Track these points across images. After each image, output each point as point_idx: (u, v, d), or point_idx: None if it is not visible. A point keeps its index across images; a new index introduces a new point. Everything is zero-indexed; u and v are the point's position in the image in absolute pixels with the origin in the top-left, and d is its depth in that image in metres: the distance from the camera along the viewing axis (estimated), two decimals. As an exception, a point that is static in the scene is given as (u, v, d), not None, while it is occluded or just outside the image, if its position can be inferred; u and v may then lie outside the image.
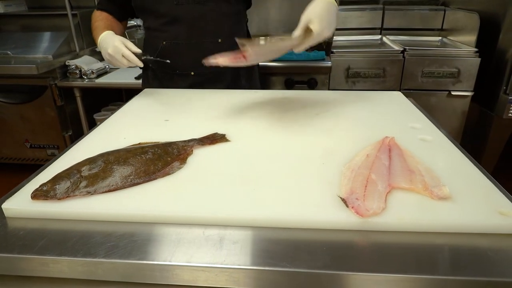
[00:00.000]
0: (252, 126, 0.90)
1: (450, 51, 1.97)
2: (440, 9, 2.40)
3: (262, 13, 2.42)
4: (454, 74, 1.96)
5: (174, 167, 0.70)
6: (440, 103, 2.03)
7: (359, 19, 2.46)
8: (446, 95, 2.01)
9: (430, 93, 2.02)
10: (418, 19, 2.44)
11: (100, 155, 0.69)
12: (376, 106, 1.03)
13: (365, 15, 2.45)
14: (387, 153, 0.73)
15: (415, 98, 2.03)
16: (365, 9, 2.43)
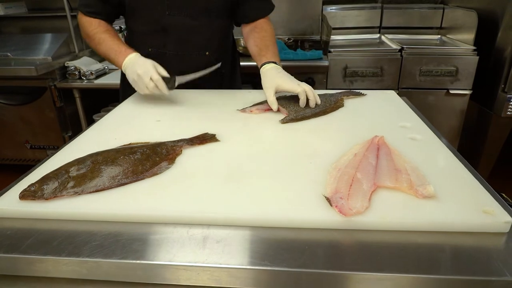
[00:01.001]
0: (243, 126, 0.91)
1: (448, 50, 1.96)
2: (439, 7, 2.39)
3: (260, 13, 2.42)
4: (453, 72, 1.95)
5: (162, 167, 0.70)
6: (439, 102, 2.02)
7: (357, 18, 2.46)
8: (445, 94, 2.01)
9: (428, 91, 2.01)
10: (417, 17, 2.43)
11: (89, 155, 0.70)
12: (368, 105, 1.03)
13: (363, 14, 2.44)
14: (375, 152, 0.73)
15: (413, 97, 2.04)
16: (363, 8, 2.43)
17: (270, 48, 1.16)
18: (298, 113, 0.95)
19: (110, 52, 1.09)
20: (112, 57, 1.09)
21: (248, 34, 1.24)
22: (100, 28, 1.13)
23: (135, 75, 1.00)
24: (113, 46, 1.09)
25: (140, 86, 1.01)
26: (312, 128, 0.89)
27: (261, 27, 1.22)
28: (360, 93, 1.12)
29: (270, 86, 1.00)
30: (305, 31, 2.49)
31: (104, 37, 1.11)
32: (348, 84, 2.02)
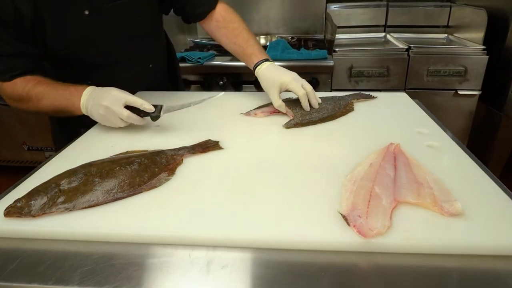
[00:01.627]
0: (247, 132, 0.85)
1: (457, 49, 1.90)
2: (445, 6, 2.33)
3: (262, 12, 2.37)
4: (461, 72, 1.89)
5: (162, 178, 0.65)
6: (446, 103, 1.96)
7: (361, 16, 2.39)
8: (453, 95, 1.95)
9: (436, 92, 1.95)
10: (423, 16, 2.37)
11: (82, 166, 0.64)
12: (380, 109, 0.97)
13: (368, 12, 2.38)
14: (392, 162, 0.67)
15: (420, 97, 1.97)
16: (368, 6, 2.37)
17: (251, 42, 1.02)
18: (304, 117, 0.90)
19: (59, 100, 0.84)
20: (64, 105, 0.84)
21: (214, 32, 1.08)
22: (30, 83, 0.85)
23: (101, 108, 0.79)
24: (59, 92, 0.84)
25: (112, 119, 0.80)
26: (321, 134, 0.83)
27: (224, 19, 1.06)
28: (370, 95, 1.06)
29: (274, 87, 0.92)
30: (308, 29, 2.43)
31: (42, 90, 0.85)
32: (354, 84, 1.96)
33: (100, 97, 0.80)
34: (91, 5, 0.88)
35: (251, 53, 1.01)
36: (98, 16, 0.89)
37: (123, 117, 0.79)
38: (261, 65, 0.98)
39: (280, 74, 0.93)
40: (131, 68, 1.05)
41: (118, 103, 0.79)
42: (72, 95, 0.83)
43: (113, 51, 0.98)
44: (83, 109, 0.83)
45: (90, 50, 0.94)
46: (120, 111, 0.79)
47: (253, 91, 1.89)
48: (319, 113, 0.91)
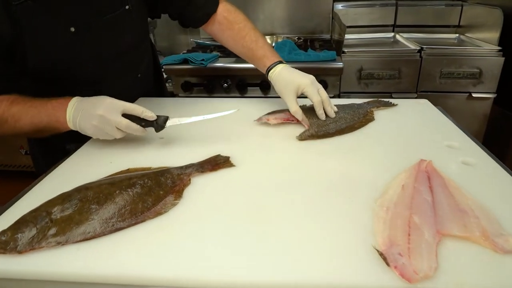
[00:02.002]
0: (260, 145, 0.77)
1: (471, 50, 1.82)
2: (457, 4, 2.25)
3: (267, 11, 2.29)
4: (476, 75, 1.81)
5: (168, 203, 0.57)
6: (460, 106, 1.89)
7: (369, 16, 2.31)
8: (466, 98, 1.87)
9: (449, 95, 1.87)
10: (433, 15, 2.29)
11: (78, 189, 0.57)
12: (402, 118, 0.89)
13: (376, 12, 2.30)
14: (427, 183, 0.60)
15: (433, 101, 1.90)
16: (376, 5, 2.29)
17: (261, 43, 0.94)
18: (320, 128, 0.82)
19: (39, 117, 0.73)
20: (46, 122, 0.73)
21: (218, 35, 1.00)
22: (4, 103, 0.73)
23: (95, 118, 0.69)
24: (38, 109, 0.73)
25: (108, 130, 0.70)
26: (341, 148, 0.75)
27: (228, 21, 0.97)
28: (391, 103, 0.98)
29: (289, 91, 0.84)
30: (314, 29, 2.35)
31: (18, 109, 0.73)
32: (363, 87, 1.89)
33: (92, 106, 0.70)
34: (77, 22, 0.78)
35: (262, 55, 0.92)
36: (85, 33, 0.80)
37: (121, 126, 0.70)
38: (275, 67, 0.90)
39: (296, 77, 0.85)
40: (120, 82, 0.96)
41: (115, 111, 0.69)
42: (54, 109, 0.73)
43: (101, 67, 0.88)
44: (70, 124, 0.72)
45: (77, 68, 0.84)
46: (118, 120, 0.69)
47: (259, 94, 1.82)
48: (337, 123, 0.83)
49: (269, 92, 1.82)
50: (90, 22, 0.81)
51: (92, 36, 0.82)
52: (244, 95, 1.84)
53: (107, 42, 0.86)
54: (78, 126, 0.71)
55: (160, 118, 0.74)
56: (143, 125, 0.73)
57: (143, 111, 0.72)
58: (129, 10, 0.88)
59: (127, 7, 0.87)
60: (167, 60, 1.77)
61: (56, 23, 0.76)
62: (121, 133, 0.72)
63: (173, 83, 1.83)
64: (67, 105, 0.72)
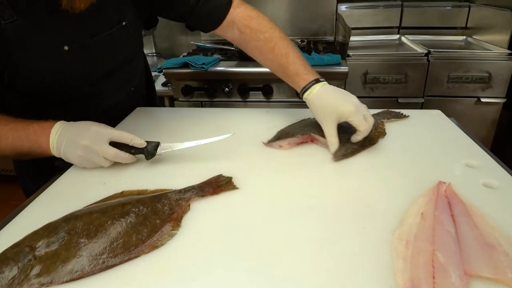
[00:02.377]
0: (265, 164, 0.72)
1: (480, 54, 1.77)
2: (464, 5, 2.19)
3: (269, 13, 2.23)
4: (485, 79, 1.76)
5: (164, 233, 0.52)
6: (468, 111, 1.83)
7: (374, 17, 2.26)
8: (475, 102, 1.82)
9: (457, 100, 1.82)
10: (439, 16, 2.23)
11: (65, 220, 0.52)
12: (414, 132, 0.84)
13: (381, 13, 2.25)
14: (448, 210, 0.55)
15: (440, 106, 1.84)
16: (381, 6, 2.23)
17: (292, 57, 0.81)
18: (345, 145, 0.74)
19: (20, 142, 0.67)
20: (27, 148, 0.68)
21: (243, 45, 0.89)
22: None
23: (80, 148, 0.65)
24: (19, 132, 0.67)
25: (94, 160, 0.67)
26: (352, 168, 0.70)
27: (251, 30, 0.85)
28: (402, 114, 0.93)
29: (330, 119, 0.73)
30: (317, 31, 2.30)
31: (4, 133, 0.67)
32: (368, 91, 1.83)
33: (76, 134, 0.66)
34: (71, 41, 0.73)
35: (295, 73, 0.80)
36: (79, 52, 0.75)
37: (109, 156, 0.66)
38: (311, 89, 0.77)
39: (338, 101, 0.73)
40: (112, 97, 0.90)
41: (101, 140, 0.65)
42: (36, 134, 0.67)
43: (94, 84, 0.82)
44: (54, 151, 0.67)
45: (69, 86, 0.78)
46: (105, 150, 0.65)
47: (261, 98, 1.77)
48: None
49: (272, 97, 1.78)
50: (85, 40, 0.75)
51: (87, 54, 0.76)
52: (246, 100, 1.79)
53: (102, 60, 0.81)
54: (63, 155, 0.67)
55: (150, 144, 0.69)
56: (133, 153, 0.68)
57: (132, 138, 0.67)
58: (126, 26, 0.82)
59: (123, 23, 0.81)
60: (167, 64, 1.71)
61: (49, 42, 0.71)
62: (109, 162, 0.68)
63: (173, 87, 1.78)
64: (50, 130, 0.67)
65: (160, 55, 2.26)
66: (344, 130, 0.77)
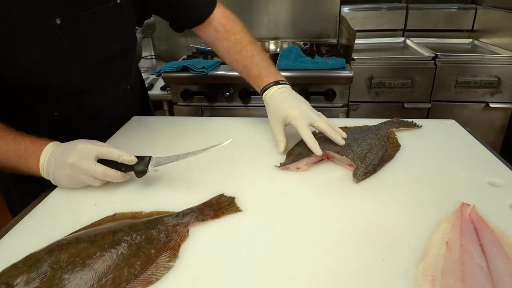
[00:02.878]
0: (271, 183, 0.66)
1: (489, 58, 1.71)
2: (470, 8, 2.14)
3: (271, 15, 2.19)
4: (494, 83, 1.71)
5: (160, 266, 0.47)
6: (476, 117, 1.78)
7: (378, 20, 2.21)
8: (483, 108, 1.76)
9: (464, 105, 1.77)
10: (444, 19, 2.18)
11: (48, 251, 0.46)
12: (429, 145, 0.79)
13: (386, 15, 2.20)
14: (476, 239, 0.49)
15: (447, 111, 1.79)
16: (385, 8, 2.18)
17: (257, 60, 0.83)
18: (364, 161, 0.68)
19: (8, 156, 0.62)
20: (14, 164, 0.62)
21: (214, 44, 0.89)
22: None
23: (67, 167, 0.60)
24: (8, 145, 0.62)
25: (83, 179, 0.61)
26: (364, 187, 0.64)
27: (225, 29, 0.87)
28: (414, 124, 0.87)
29: (277, 120, 0.75)
30: (320, 33, 2.25)
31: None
32: (373, 96, 1.78)
33: (62, 153, 0.61)
34: (63, 12, 0.66)
35: (256, 75, 0.82)
36: (71, 26, 0.68)
37: (97, 175, 0.60)
38: (269, 90, 0.79)
39: (286, 105, 0.75)
40: (105, 93, 0.84)
41: (88, 157, 0.59)
42: (27, 152, 0.61)
43: (87, 73, 0.75)
44: (44, 173, 0.62)
45: (58, 72, 0.71)
46: (92, 168, 0.59)
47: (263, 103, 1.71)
48: (372, 152, 0.71)
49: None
50: (78, 13, 0.68)
51: (80, 31, 0.70)
52: (247, 104, 1.74)
53: (96, 41, 0.74)
54: (52, 178, 0.62)
55: (141, 160, 0.62)
56: (123, 170, 0.62)
57: (120, 155, 0.61)
58: (120, 4, 0.76)
59: (118, 1, 0.75)
60: (166, 67, 1.66)
61: (41, 13, 0.64)
62: (99, 182, 0.62)
63: (172, 91, 1.72)
64: (42, 151, 0.62)
65: (159, 58, 2.21)
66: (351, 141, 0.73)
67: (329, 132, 0.72)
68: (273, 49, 2.00)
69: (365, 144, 0.73)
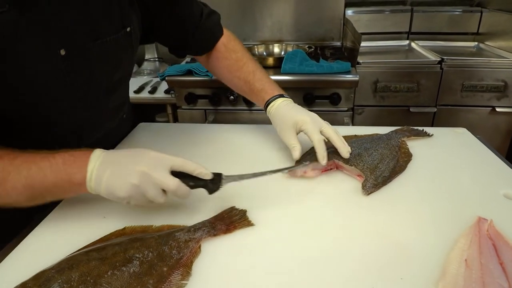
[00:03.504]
0: (281, 193, 0.65)
1: (496, 62, 1.70)
2: (475, 11, 2.13)
3: (274, 17, 2.18)
4: (500, 88, 1.69)
5: (173, 285, 0.45)
6: (482, 121, 1.77)
7: (383, 22, 2.19)
8: (489, 112, 1.75)
9: (471, 109, 1.76)
10: (449, 21, 2.17)
11: (58, 269, 0.45)
12: (441, 154, 0.77)
13: (390, 18, 2.18)
14: (495, 256, 0.48)
15: (452, 115, 1.78)
16: (390, 11, 2.17)
17: (259, 75, 0.83)
18: (374, 172, 0.67)
19: (41, 176, 0.52)
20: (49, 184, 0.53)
21: (212, 63, 0.89)
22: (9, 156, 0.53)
23: (135, 176, 0.52)
24: (38, 164, 0.52)
25: (148, 192, 0.52)
26: (377, 201, 0.63)
27: (226, 49, 0.87)
28: (425, 132, 0.86)
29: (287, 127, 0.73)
30: (324, 36, 2.23)
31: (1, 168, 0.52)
32: (379, 100, 1.77)
33: (130, 160, 0.53)
34: (69, 43, 0.59)
35: (260, 89, 0.81)
36: (76, 58, 0.61)
37: (168, 188, 0.52)
38: (274, 102, 0.78)
39: (295, 113, 0.74)
40: (107, 123, 0.78)
41: (162, 167, 0.53)
42: (66, 163, 0.53)
43: (87, 107, 0.69)
44: (91, 183, 0.52)
45: (58, 105, 0.63)
46: (167, 180, 0.52)
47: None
48: (383, 163, 0.70)
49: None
50: (85, 44, 0.62)
51: (85, 63, 0.63)
52: (251, 108, 1.73)
53: (100, 73, 0.68)
54: (105, 187, 0.52)
55: (217, 177, 0.57)
56: (191, 186, 0.55)
57: (196, 167, 0.55)
58: (130, 33, 0.71)
59: (128, 29, 0.70)
60: (170, 71, 1.65)
61: (44, 42, 0.56)
62: (165, 198, 0.54)
63: (176, 94, 1.71)
64: (89, 158, 0.53)
65: (162, 60, 2.20)
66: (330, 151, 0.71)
67: (336, 140, 0.70)
68: (277, 52, 1.98)
69: (376, 154, 0.72)
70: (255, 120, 1.75)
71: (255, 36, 2.19)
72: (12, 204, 0.53)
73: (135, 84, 1.88)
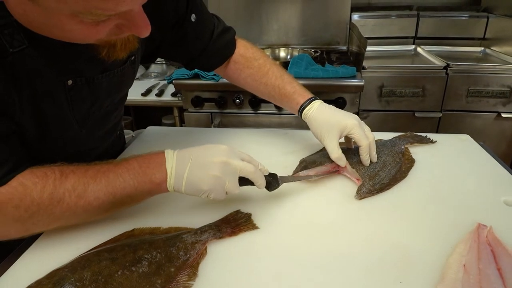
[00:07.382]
0: (285, 197, 0.67)
1: (502, 67, 1.70)
2: (482, 16, 2.13)
3: (281, 21, 2.19)
4: (506, 93, 1.70)
5: (180, 285, 0.47)
6: (487, 126, 1.77)
7: (389, 27, 2.20)
8: (494, 117, 1.75)
9: (476, 114, 1.76)
10: (455, 26, 2.18)
11: (72, 268, 0.47)
12: (443, 161, 0.79)
13: (396, 22, 2.19)
14: (493, 263, 0.49)
15: (458, 120, 1.78)
16: (396, 15, 2.18)
17: (287, 78, 0.81)
18: (373, 179, 0.69)
19: (120, 183, 0.54)
20: (130, 188, 0.55)
21: (235, 75, 0.86)
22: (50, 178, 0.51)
23: (216, 167, 0.55)
24: (115, 173, 0.54)
25: (229, 183, 0.56)
26: (379, 206, 0.64)
27: (245, 58, 0.83)
28: (428, 139, 0.87)
29: (332, 133, 0.71)
30: (330, 41, 2.25)
31: (76, 181, 0.52)
32: (384, 104, 1.78)
33: (205, 154, 0.56)
34: (77, 76, 0.58)
35: (292, 92, 0.78)
36: (82, 88, 0.60)
37: (249, 171, 0.57)
38: (312, 104, 0.76)
39: (341, 116, 0.73)
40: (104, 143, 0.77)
41: (236, 157, 0.58)
42: (142, 166, 0.55)
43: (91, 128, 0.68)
44: (171, 181, 0.55)
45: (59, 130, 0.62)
46: (246, 166, 0.57)
47: (273, 110, 1.72)
48: (384, 170, 0.71)
49: (283, 109, 1.72)
50: (93, 76, 0.61)
51: (89, 92, 0.62)
52: (257, 112, 1.75)
53: (103, 99, 0.66)
54: (186, 182, 0.55)
55: (274, 178, 0.63)
56: (241, 184, 0.59)
57: (259, 163, 0.60)
58: (134, 61, 0.70)
59: (132, 58, 0.68)
60: (177, 74, 1.68)
61: (53, 74, 0.56)
62: (239, 189, 0.58)
63: (183, 97, 1.74)
64: (164, 158, 0.56)
65: (169, 63, 2.23)
66: (352, 153, 0.74)
67: (365, 145, 0.70)
68: (284, 56, 2.00)
69: (379, 162, 0.73)
70: (261, 124, 1.77)
71: (261, 40, 2.21)
72: (89, 216, 0.55)
73: (143, 86, 1.91)
